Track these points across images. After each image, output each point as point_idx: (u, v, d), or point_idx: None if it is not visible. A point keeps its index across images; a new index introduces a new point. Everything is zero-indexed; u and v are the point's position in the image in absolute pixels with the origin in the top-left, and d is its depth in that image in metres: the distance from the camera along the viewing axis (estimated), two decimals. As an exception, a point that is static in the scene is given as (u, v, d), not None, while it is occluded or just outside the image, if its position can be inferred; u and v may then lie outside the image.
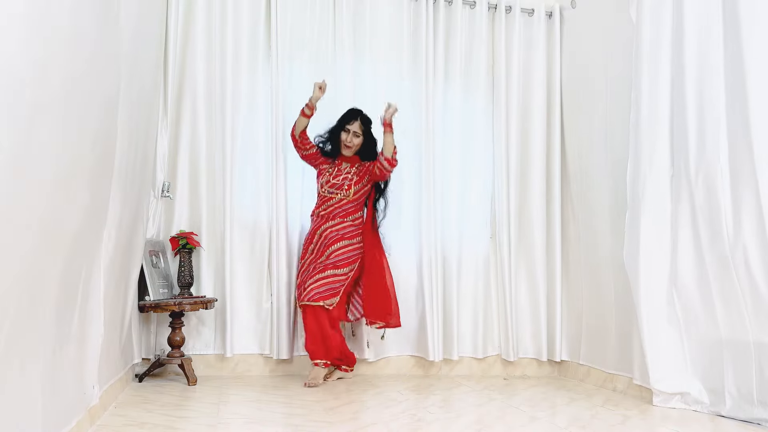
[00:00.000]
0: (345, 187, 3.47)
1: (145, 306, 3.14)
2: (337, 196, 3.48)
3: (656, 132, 3.00)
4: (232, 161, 3.59)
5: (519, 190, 3.98)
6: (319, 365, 3.35)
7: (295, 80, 3.74)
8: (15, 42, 1.18)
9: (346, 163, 3.54)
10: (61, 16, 1.44)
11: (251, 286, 3.63)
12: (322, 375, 3.33)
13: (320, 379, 3.30)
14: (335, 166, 3.53)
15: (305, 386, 3.23)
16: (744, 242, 2.61)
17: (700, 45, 2.83)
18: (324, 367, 3.36)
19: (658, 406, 2.90)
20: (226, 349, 3.50)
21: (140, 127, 2.74)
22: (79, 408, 2.06)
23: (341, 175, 3.49)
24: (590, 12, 3.82)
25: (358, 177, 3.50)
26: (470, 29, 4.03)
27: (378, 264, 3.52)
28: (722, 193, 2.71)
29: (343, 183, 3.48)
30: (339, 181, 3.48)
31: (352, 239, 3.47)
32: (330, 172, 3.51)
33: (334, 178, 3.49)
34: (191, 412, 2.60)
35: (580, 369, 3.73)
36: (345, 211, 3.48)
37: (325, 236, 3.45)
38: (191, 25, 3.67)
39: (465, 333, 3.88)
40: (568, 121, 3.99)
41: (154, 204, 3.46)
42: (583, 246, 3.77)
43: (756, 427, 2.52)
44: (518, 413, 2.74)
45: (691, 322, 2.87)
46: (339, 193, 3.47)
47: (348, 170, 3.51)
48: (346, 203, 3.48)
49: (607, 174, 3.52)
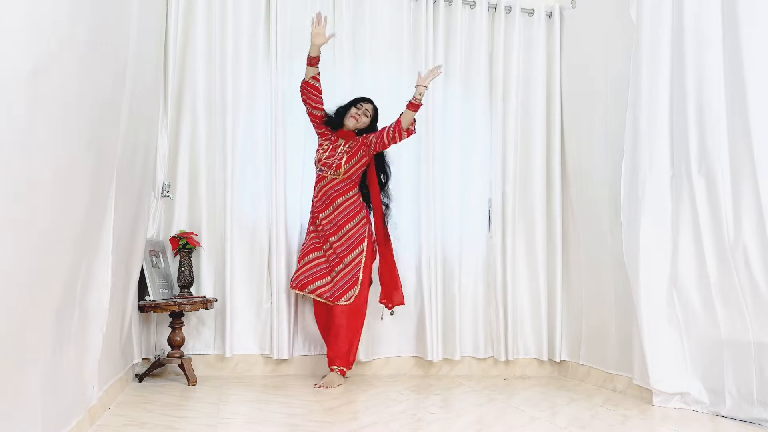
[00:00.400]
0: (335, 165, 3.41)
1: (145, 306, 3.14)
2: (328, 175, 3.43)
3: (656, 132, 2.99)
4: (232, 161, 3.59)
5: (519, 190, 3.98)
6: (335, 371, 3.31)
7: (295, 80, 3.74)
8: (14, 41, 1.18)
9: (342, 140, 3.49)
10: (61, 16, 1.44)
11: (251, 286, 3.63)
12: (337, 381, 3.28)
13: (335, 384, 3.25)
14: (331, 143, 3.48)
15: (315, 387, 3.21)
16: (744, 242, 2.61)
17: (699, 45, 2.83)
18: (340, 374, 3.32)
19: (658, 406, 2.90)
20: (226, 349, 3.50)
21: (140, 127, 2.74)
22: (79, 408, 2.06)
23: (335, 154, 3.44)
24: (590, 12, 3.82)
25: (350, 154, 3.43)
26: (470, 29, 4.03)
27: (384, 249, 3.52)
28: (723, 193, 2.70)
29: (333, 162, 3.42)
30: (330, 160, 3.43)
31: (352, 219, 3.41)
32: (325, 148, 3.47)
33: (327, 157, 3.44)
34: (191, 412, 2.60)
35: (580, 369, 3.73)
36: (338, 191, 3.44)
37: (323, 227, 3.43)
38: (191, 25, 3.67)
39: (465, 333, 3.88)
40: (568, 121, 3.99)
41: (154, 204, 3.46)
42: (583, 246, 3.77)
43: (756, 427, 2.52)
44: (518, 413, 2.74)
45: (691, 322, 2.87)
46: (329, 172, 3.43)
47: (342, 148, 3.45)
48: (339, 182, 3.43)
49: (607, 174, 3.52)
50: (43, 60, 1.33)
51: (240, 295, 3.59)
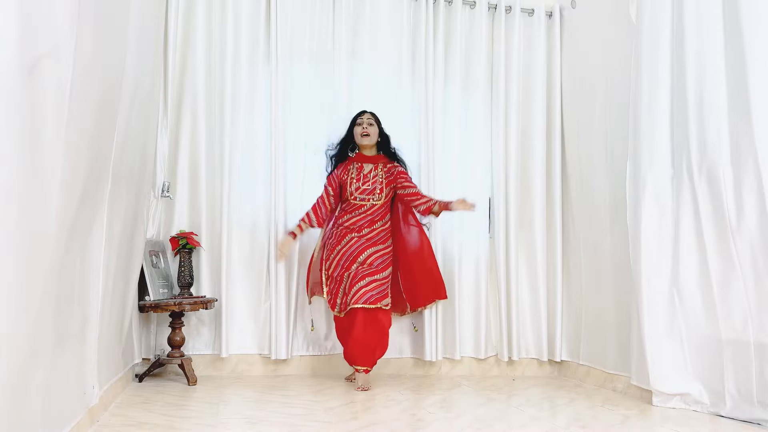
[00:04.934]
0: (377, 191, 3.40)
1: (145, 306, 3.14)
2: (369, 201, 3.39)
3: (656, 132, 2.99)
4: (231, 161, 3.59)
5: (519, 190, 3.98)
6: (360, 371, 3.23)
7: (295, 80, 3.74)
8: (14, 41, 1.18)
9: (368, 165, 3.46)
10: (60, 15, 1.44)
11: (251, 287, 3.63)
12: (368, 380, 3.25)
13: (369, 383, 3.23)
14: (357, 171, 3.43)
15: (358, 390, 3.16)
16: (748, 242, 2.61)
17: (700, 44, 2.83)
18: (365, 373, 3.24)
19: (658, 406, 2.90)
20: (226, 349, 3.50)
21: (140, 127, 2.74)
22: (79, 408, 2.06)
23: (369, 180, 3.40)
24: (590, 12, 3.82)
25: (386, 180, 3.43)
26: (470, 29, 4.02)
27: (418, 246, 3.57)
28: (725, 192, 2.70)
29: (374, 188, 3.40)
30: (369, 186, 3.40)
31: (385, 242, 3.41)
32: (356, 178, 3.42)
33: (363, 184, 3.40)
34: (191, 412, 2.60)
35: (580, 369, 3.73)
36: (374, 218, 3.40)
37: (355, 246, 3.34)
38: (191, 25, 3.67)
39: (465, 333, 3.87)
40: (568, 121, 3.99)
41: (154, 204, 3.46)
42: (583, 246, 3.77)
43: (756, 427, 2.52)
44: (518, 413, 2.74)
45: (691, 322, 2.87)
46: (371, 198, 3.39)
47: (374, 172, 3.43)
48: (378, 208, 3.41)
49: (607, 174, 3.52)
50: (42, 60, 1.33)
51: (240, 295, 3.60)
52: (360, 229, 3.38)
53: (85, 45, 1.67)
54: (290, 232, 3.42)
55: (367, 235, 3.38)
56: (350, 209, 3.43)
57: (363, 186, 3.39)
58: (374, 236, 3.39)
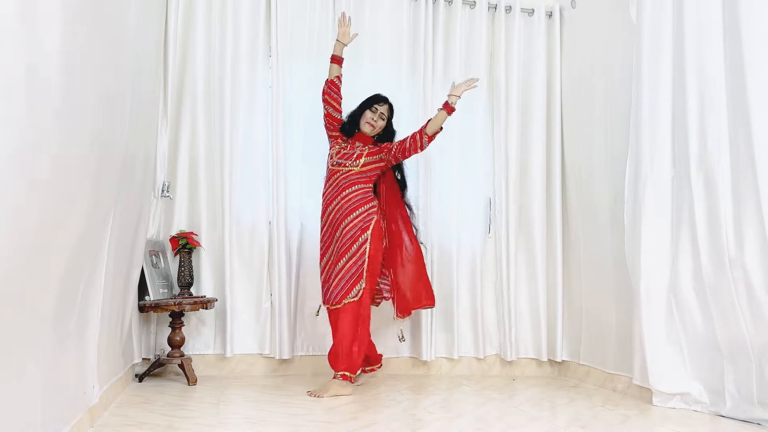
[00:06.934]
0: (354, 156, 3.26)
1: (145, 306, 3.14)
2: (344, 168, 3.24)
3: (657, 132, 2.99)
4: (231, 161, 3.59)
5: (519, 190, 3.98)
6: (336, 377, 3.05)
7: (295, 80, 3.74)
8: (13, 41, 1.18)
9: (360, 142, 3.34)
10: (60, 15, 1.44)
11: (251, 286, 3.63)
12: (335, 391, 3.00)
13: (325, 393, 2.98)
14: (349, 143, 3.33)
15: (308, 394, 3.01)
16: (743, 244, 2.61)
17: (700, 45, 2.83)
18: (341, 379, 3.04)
19: (658, 406, 2.90)
20: (226, 349, 3.50)
21: (140, 126, 2.74)
22: (79, 408, 2.06)
23: (354, 151, 3.28)
24: (590, 12, 3.82)
25: (370, 152, 3.29)
26: (470, 29, 4.02)
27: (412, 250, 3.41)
28: (722, 195, 2.70)
29: (353, 153, 3.27)
30: (349, 151, 3.28)
31: (359, 207, 3.17)
32: (342, 146, 3.31)
33: (345, 150, 3.28)
34: (191, 412, 2.60)
35: (580, 369, 3.73)
36: (350, 181, 3.21)
37: (332, 219, 3.21)
38: (191, 25, 3.67)
39: (465, 333, 3.87)
40: (568, 120, 3.99)
41: (154, 204, 3.46)
42: (583, 246, 3.77)
43: (756, 427, 2.52)
44: (518, 413, 2.74)
45: (691, 322, 2.87)
46: (347, 164, 3.24)
47: (361, 147, 3.31)
48: (354, 174, 3.23)
49: (607, 174, 3.52)
50: (42, 60, 1.33)
51: (240, 295, 3.59)
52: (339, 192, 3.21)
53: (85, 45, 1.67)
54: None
55: (341, 201, 3.19)
56: (327, 178, 3.30)
57: (343, 151, 3.28)
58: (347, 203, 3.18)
